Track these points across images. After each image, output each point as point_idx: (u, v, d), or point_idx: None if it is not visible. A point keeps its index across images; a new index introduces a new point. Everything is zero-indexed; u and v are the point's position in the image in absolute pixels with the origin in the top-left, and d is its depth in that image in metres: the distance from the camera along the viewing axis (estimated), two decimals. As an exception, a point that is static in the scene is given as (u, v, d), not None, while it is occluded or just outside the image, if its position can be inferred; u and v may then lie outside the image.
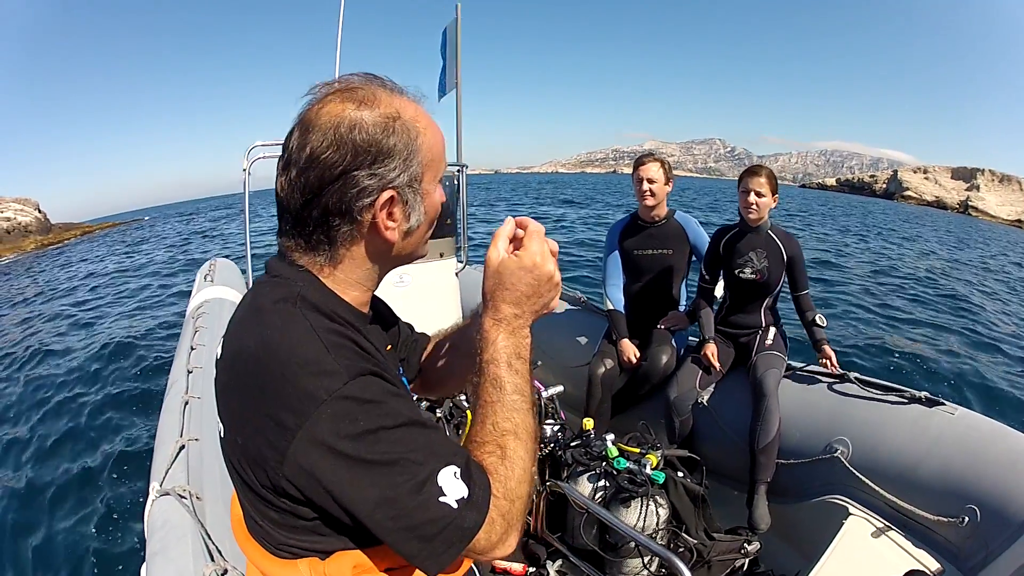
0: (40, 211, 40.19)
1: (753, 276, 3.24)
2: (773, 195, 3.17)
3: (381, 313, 1.33)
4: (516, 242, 1.04)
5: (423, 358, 1.49)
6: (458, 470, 0.86)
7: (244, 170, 3.88)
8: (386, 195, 0.94)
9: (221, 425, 0.95)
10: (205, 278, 5.29)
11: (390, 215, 0.96)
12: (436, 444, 0.87)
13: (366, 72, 0.99)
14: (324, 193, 0.92)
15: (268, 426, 0.83)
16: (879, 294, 12.24)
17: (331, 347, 0.86)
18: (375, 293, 1.13)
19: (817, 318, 3.18)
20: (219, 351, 0.98)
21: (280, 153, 0.99)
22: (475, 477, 0.88)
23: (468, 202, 4.38)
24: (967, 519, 2.35)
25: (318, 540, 0.93)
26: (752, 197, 3.15)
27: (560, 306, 4.54)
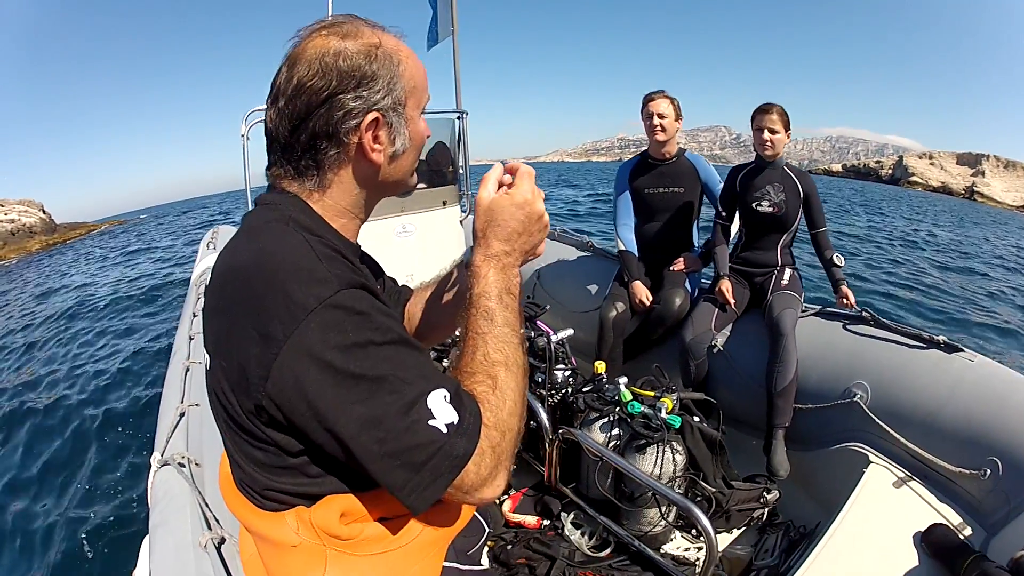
0: (44, 212, 40.26)
1: (771, 209, 3.17)
2: (786, 131, 3.13)
3: (368, 262, 1.29)
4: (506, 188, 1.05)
5: (407, 308, 1.47)
6: (448, 394, 0.84)
7: (243, 136, 3.87)
8: (371, 116, 0.96)
9: (207, 356, 0.95)
10: (208, 246, 5.27)
11: (376, 138, 0.99)
12: (426, 366, 0.86)
13: (349, 13, 1.03)
14: (311, 117, 0.94)
15: (253, 339, 0.81)
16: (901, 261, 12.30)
17: (323, 257, 0.86)
18: (363, 250, 1.18)
19: (835, 257, 3.11)
20: (208, 278, 0.98)
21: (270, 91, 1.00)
22: (466, 403, 0.86)
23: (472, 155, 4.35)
24: (988, 471, 2.27)
25: (304, 482, 0.92)
26: (766, 134, 3.11)
27: (569, 251, 4.50)
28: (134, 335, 8.43)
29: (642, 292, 3.48)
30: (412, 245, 3.62)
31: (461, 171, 4.05)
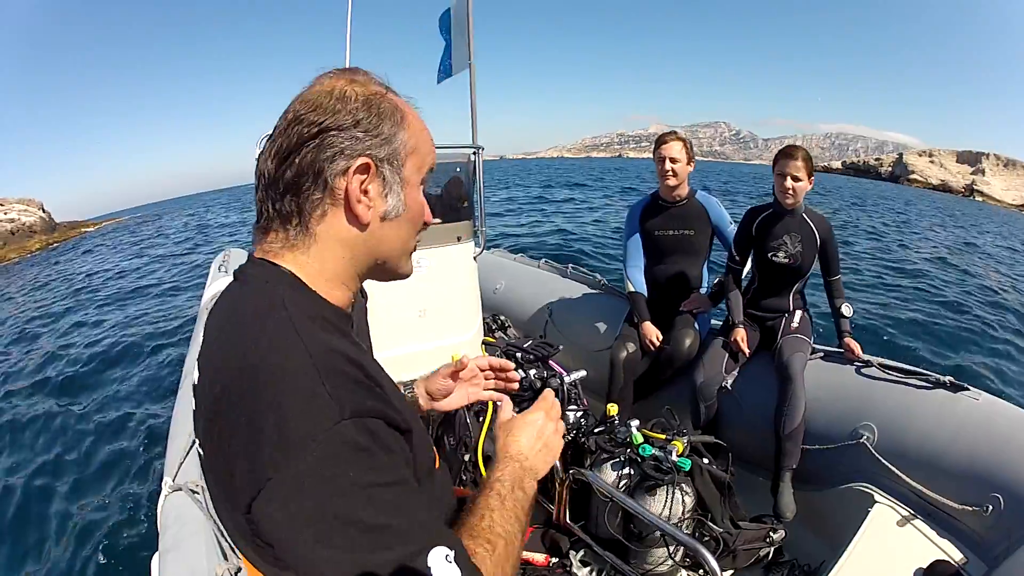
0: (44, 211, 40.22)
1: (786, 260, 3.13)
2: (809, 178, 3.03)
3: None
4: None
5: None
6: (450, 553, 0.76)
7: (256, 159, 3.78)
8: (360, 160, 0.89)
9: (201, 450, 0.88)
10: (219, 268, 5.22)
11: (364, 189, 0.91)
12: (429, 517, 0.79)
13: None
14: (300, 150, 0.88)
15: (246, 456, 0.73)
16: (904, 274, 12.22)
17: (325, 374, 0.77)
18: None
19: (844, 308, 3.11)
20: (195, 374, 0.90)
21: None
22: (467, 565, 0.78)
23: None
24: (991, 507, 2.31)
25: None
26: (789, 182, 3.00)
27: (581, 289, 4.52)
28: (142, 348, 8.45)
29: (652, 333, 3.49)
30: (425, 281, 3.58)
31: (476, 206, 4.02)
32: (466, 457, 2.88)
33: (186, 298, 11.66)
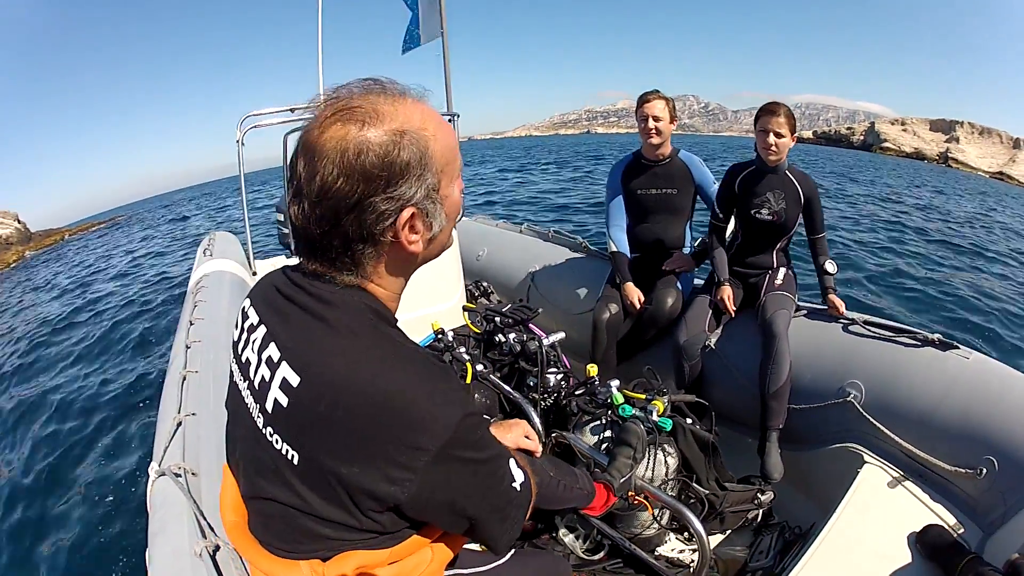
0: (20, 221, 39.83)
1: (770, 217, 3.01)
2: (792, 135, 2.91)
3: None
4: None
5: None
6: (514, 459, 1.05)
7: (238, 142, 3.79)
8: (406, 214, 0.90)
9: (292, 452, 0.91)
10: (204, 252, 5.15)
11: (412, 228, 0.93)
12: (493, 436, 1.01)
13: (364, 79, 0.94)
14: (342, 223, 0.88)
15: (400, 451, 0.85)
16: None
17: (441, 369, 0.93)
18: None
19: (828, 264, 2.98)
20: (291, 376, 0.91)
21: (288, 176, 0.99)
22: (522, 464, 1.09)
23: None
24: (984, 470, 2.21)
25: (343, 543, 0.94)
26: (772, 138, 2.88)
27: (563, 252, 4.42)
28: (129, 341, 8.29)
29: (634, 293, 3.38)
30: None
31: None
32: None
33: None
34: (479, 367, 2.81)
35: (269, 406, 0.93)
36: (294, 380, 0.90)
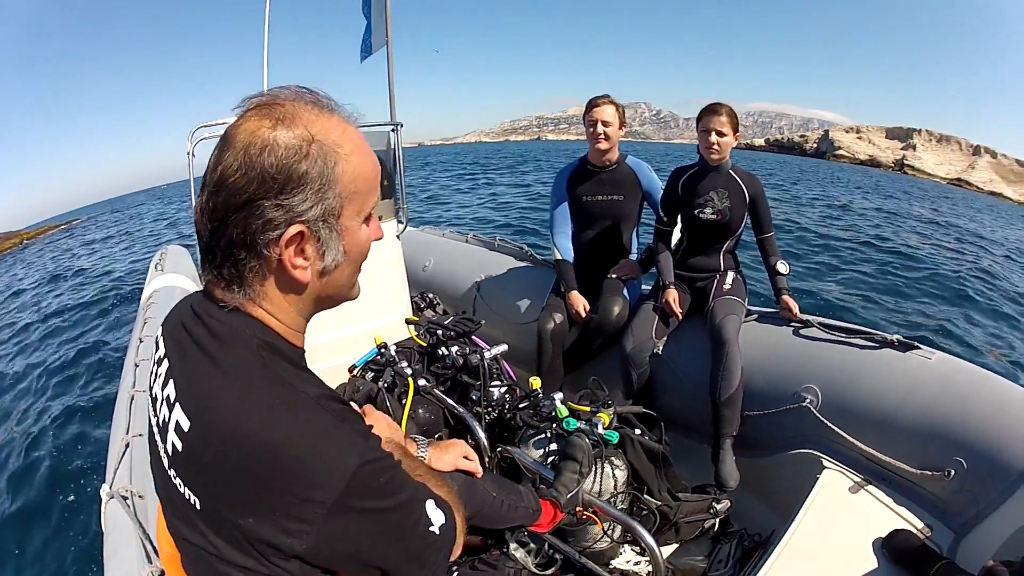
0: None
1: (714, 216, 2.97)
2: (734, 133, 2.91)
3: None
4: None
5: None
6: (434, 501, 0.96)
7: (188, 153, 3.63)
8: (293, 230, 0.83)
9: (194, 497, 0.84)
10: (156, 267, 5.11)
11: (301, 252, 0.86)
12: (414, 480, 0.96)
13: (301, 86, 0.89)
14: (228, 222, 0.82)
15: (294, 505, 0.78)
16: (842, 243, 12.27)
17: (337, 415, 0.86)
18: None
19: (779, 265, 2.94)
20: (183, 420, 0.85)
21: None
22: (444, 503, 1.00)
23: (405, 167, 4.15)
24: (953, 472, 2.15)
25: None
26: (713, 137, 2.88)
27: (508, 261, 4.38)
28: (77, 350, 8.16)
29: (579, 302, 3.29)
30: None
31: (398, 184, 3.86)
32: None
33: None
34: (421, 382, 2.72)
35: (169, 448, 0.87)
36: (185, 425, 0.85)
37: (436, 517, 0.94)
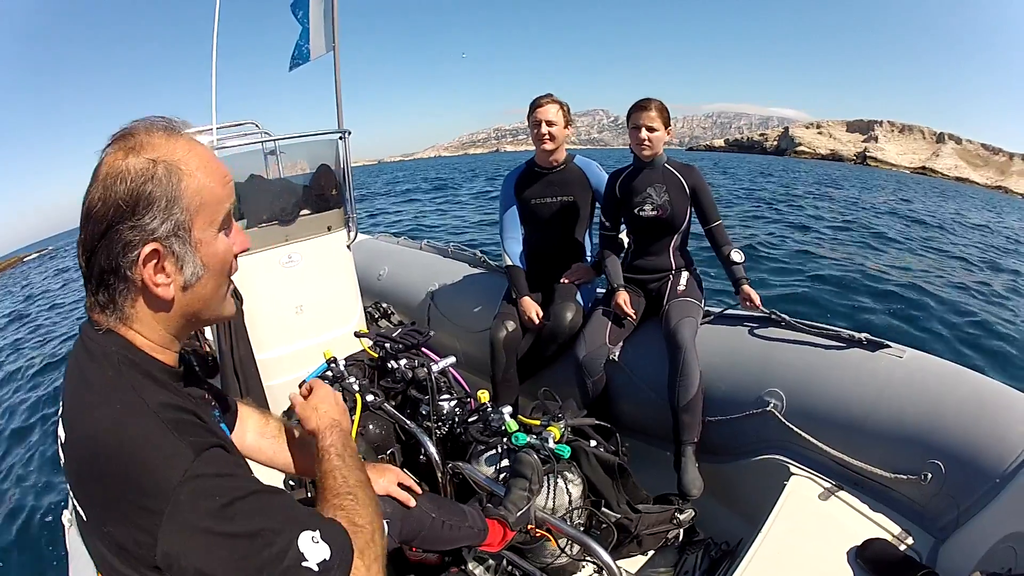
0: None
1: (654, 213, 2.89)
2: (666, 127, 2.86)
3: (193, 375, 1.22)
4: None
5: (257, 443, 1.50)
6: (316, 533, 0.88)
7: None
8: (148, 248, 0.88)
9: (80, 508, 0.90)
10: None
11: (162, 269, 0.91)
12: (290, 509, 0.90)
13: (157, 115, 0.95)
14: (97, 250, 0.88)
15: (135, 513, 0.81)
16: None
17: (171, 424, 0.85)
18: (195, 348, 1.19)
19: (733, 254, 2.83)
20: (62, 433, 0.93)
21: None
22: (334, 535, 0.91)
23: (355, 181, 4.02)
24: (930, 475, 2.05)
25: None
26: (643, 133, 2.82)
27: (462, 268, 4.36)
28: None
29: (531, 308, 3.17)
30: (299, 275, 3.35)
31: (346, 192, 3.75)
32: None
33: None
34: (369, 397, 2.63)
35: (62, 463, 0.93)
36: (63, 438, 0.91)
37: (314, 552, 0.87)
